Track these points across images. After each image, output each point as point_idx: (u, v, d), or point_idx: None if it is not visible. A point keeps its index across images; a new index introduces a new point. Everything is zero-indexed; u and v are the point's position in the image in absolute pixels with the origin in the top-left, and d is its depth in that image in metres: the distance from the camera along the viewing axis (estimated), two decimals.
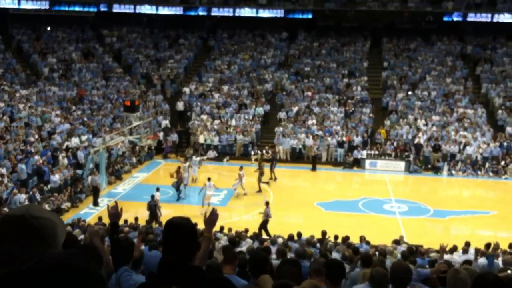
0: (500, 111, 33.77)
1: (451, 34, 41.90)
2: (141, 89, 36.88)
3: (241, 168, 25.09)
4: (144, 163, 30.33)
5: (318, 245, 14.43)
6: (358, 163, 30.80)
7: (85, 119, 31.04)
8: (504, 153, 30.69)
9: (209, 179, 22.33)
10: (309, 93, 36.24)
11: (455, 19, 39.94)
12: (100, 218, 18.15)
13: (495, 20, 39.15)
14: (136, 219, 18.28)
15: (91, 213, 21.50)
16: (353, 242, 15.31)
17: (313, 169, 30.04)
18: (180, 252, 3.27)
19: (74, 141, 27.39)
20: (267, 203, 19.97)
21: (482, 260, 13.33)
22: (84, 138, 28.14)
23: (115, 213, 5.53)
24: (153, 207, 19.95)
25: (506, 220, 21.92)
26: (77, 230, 15.24)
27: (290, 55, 41.04)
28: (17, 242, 1.83)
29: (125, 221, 17.45)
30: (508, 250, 14.94)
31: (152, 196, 20.44)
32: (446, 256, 13.35)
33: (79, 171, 25.16)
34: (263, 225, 19.22)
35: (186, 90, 36.94)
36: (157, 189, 21.48)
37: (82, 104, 33.59)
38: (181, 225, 3.35)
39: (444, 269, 7.32)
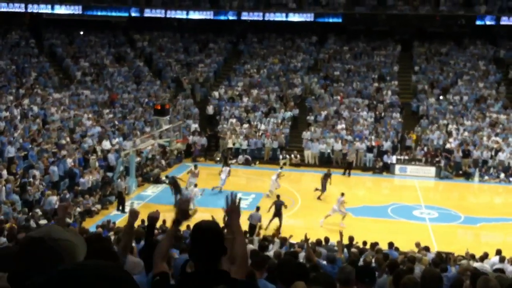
0: None
1: (484, 38, 41.23)
2: (171, 93, 37.26)
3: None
4: (173, 166, 30.58)
5: (345, 250, 14.33)
6: (387, 168, 30.51)
7: (116, 122, 31.48)
8: None
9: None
10: (339, 97, 36.07)
11: (487, 22, 39.32)
12: (142, 221, 18.34)
13: None
14: (164, 222, 18.41)
15: (120, 215, 21.76)
16: (382, 248, 15.16)
17: (348, 174, 29.80)
18: (207, 256, 3.30)
19: (105, 144, 27.78)
20: (257, 208, 20.18)
21: None
22: (115, 141, 28.52)
23: (153, 216, 5.63)
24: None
25: None
26: (107, 233, 15.43)
27: (320, 59, 40.92)
28: (36, 264, 1.86)
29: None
30: None
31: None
32: (477, 264, 13.15)
33: (109, 174, 25.49)
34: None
35: (216, 94, 37.16)
36: (195, 185, 23.03)
37: (113, 107, 34.08)
38: (208, 228, 3.38)
39: (470, 268, 7.23)
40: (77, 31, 43.58)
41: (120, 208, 22.65)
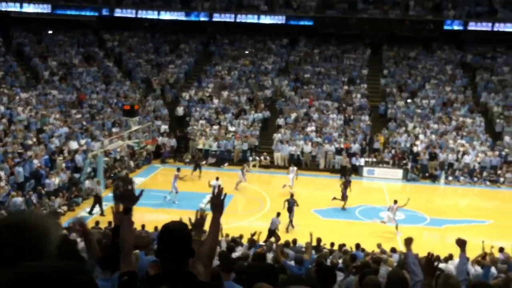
0: (498, 120, 33.84)
1: (452, 42, 41.98)
2: (141, 94, 36.98)
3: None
4: (142, 168, 30.36)
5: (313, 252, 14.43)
6: (356, 171, 30.83)
7: (84, 123, 31.11)
8: (502, 162, 30.73)
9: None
10: (308, 100, 36.31)
11: (455, 27, 40.03)
12: (97, 222, 18.18)
13: (495, 29, 39.21)
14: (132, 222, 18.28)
15: (87, 217, 21.51)
16: (349, 249, 15.33)
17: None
18: (174, 257, 3.29)
19: (73, 144, 27.42)
20: (278, 214, 20.23)
21: (477, 269, 13.36)
22: (82, 142, 28.18)
23: (118, 217, 5.55)
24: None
25: (502, 229, 21.91)
26: (73, 233, 15.24)
27: (290, 61, 41.12)
28: (7, 249, 1.84)
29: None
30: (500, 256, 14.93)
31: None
32: (441, 265, 13.37)
33: (76, 175, 25.18)
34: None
35: (186, 95, 37.03)
36: (217, 178, 23.52)
37: (81, 107, 33.67)
38: (176, 230, 3.37)
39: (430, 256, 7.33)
40: (46, 30, 42.93)
41: (100, 211, 22.34)
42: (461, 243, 5.04)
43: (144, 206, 21.03)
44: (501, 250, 15.62)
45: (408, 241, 6.76)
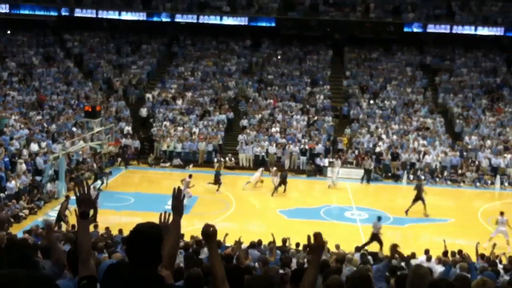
0: (458, 121, 34.65)
1: (411, 44, 42.78)
2: (102, 95, 36.45)
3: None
4: (105, 170, 29.89)
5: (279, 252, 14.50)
6: (320, 171, 31.10)
7: (45, 124, 30.47)
8: (463, 162, 31.46)
9: None
10: (272, 101, 36.46)
11: (415, 30, 40.79)
12: (73, 226, 17.88)
13: (454, 31, 40.16)
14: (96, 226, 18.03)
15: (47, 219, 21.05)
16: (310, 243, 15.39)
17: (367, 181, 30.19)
18: (144, 261, 3.24)
19: (33, 147, 26.84)
20: (379, 218, 20.07)
21: (439, 267, 13.64)
22: (43, 144, 27.61)
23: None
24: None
25: (463, 228, 22.45)
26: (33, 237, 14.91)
27: (254, 62, 41.20)
28: None
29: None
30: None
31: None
32: (404, 263, 13.58)
33: (38, 178, 24.66)
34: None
35: (149, 96, 36.68)
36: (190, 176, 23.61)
37: (42, 109, 32.96)
38: (147, 232, 3.31)
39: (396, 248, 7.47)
40: (4, 30, 41.91)
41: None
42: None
43: (107, 209, 20.75)
44: (459, 253, 15.95)
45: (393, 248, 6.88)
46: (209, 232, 4.29)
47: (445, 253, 15.61)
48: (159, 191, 25.29)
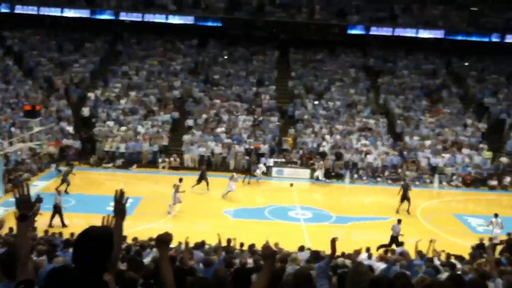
0: (399, 121, 35.56)
1: (355, 46, 43.60)
2: (43, 94, 35.42)
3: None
4: (45, 171, 29.10)
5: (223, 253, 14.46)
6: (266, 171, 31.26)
7: None
8: (403, 161, 32.31)
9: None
10: (218, 101, 36.38)
11: (358, 32, 41.62)
12: (10, 229, 17.27)
13: (396, 34, 41.24)
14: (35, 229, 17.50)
15: None
16: (258, 249, 15.47)
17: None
18: (93, 266, 3.15)
19: None
20: (399, 221, 20.23)
21: (380, 265, 13.93)
22: None
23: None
24: None
25: (402, 225, 22.95)
26: None
27: (200, 62, 41.00)
28: None
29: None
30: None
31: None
32: (347, 261, 13.81)
33: None
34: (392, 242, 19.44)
35: (91, 95, 35.89)
36: (180, 180, 23.48)
37: None
38: (97, 236, 3.22)
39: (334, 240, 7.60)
40: None
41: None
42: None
43: (47, 211, 20.14)
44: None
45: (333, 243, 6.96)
46: (165, 239, 4.24)
47: (385, 251, 15.97)
48: (101, 192, 24.77)
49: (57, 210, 20.73)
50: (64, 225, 20.31)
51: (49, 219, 20.46)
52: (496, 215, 21.08)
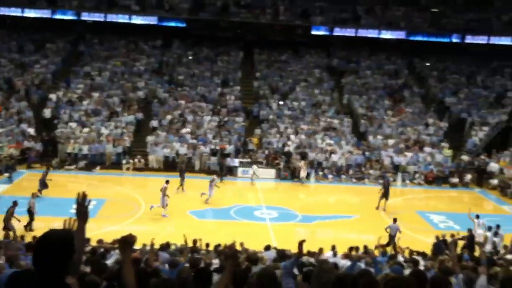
0: (362, 121, 35.99)
1: (319, 47, 43.94)
2: (3, 95, 34.59)
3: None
4: (4, 174, 28.41)
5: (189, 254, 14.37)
6: (231, 171, 31.22)
7: None
8: (367, 160, 32.72)
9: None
10: (183, 102, 36.18)
11: (322, 33, 41.96)
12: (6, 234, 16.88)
13: (359, 35, 41.72)
14: None
15: None
16: (223, 249, 15.44)
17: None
18: (54, 269, 3.08)
19: None
20: (395, 220, 20.24)
21: (345, 262, 14.07)
22: None
23: None
24: None
25: (367, 223, 23.31)
26: None
27: (164, 62, 40.70)
28: None
29: None
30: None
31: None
32: (312, 259, 13.90)
33: None
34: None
35: (53, 96, 35.23)
36: (167, 182, 23.01)
37: None
38: (58, 239, 3.15)
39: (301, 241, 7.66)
40: None
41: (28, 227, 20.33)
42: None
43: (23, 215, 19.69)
44: (365, 246, 16.51)
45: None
46: (128, 240, 4.18)
47: (350, 248, 16.12)
48: (63, 195, 24.33)
49: (30, 213, 20.34)
50: (30, 230, 19.89)
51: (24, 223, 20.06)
52: (477, 216, 21.13)
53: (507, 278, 6.18)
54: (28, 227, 20.20)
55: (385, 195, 25.58)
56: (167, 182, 23.38)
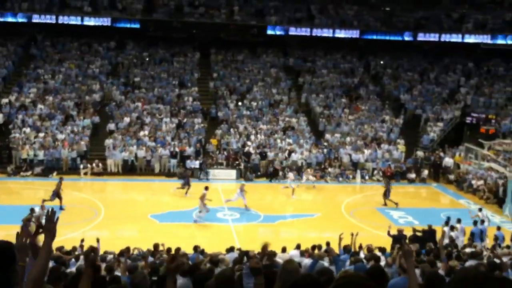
0: (320, 119, 36.34)
1: (275, 47, 44.12)
2: None
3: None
4: None
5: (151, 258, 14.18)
6: (191, 173, 30.97)
7: None
8: (326, 159, 33.05)
9: None
10: (140, 104, 35.73)
11: (278, 32, 42.13)
12: None
13: (314, 34, 42.07)
14: None
15: None
16: (186, 252, 15.30)
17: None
18: None
19: None
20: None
21: (308, 261, 14.14)
22: None
23: None
24: None
25: (328, 221, 23.54)
26: None
27: (119, 64, 40.09)
28: None
29: None
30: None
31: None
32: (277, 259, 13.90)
33: None
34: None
35: (5, 101, 34.22)
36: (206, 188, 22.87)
37: None
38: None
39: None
40: None
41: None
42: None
43: None
44: (327, 244, 16.64)
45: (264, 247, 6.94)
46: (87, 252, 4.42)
47: (313, 247, 16.20)
48: (19, 202, 23.68)
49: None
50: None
51: None
52: (480, 209, 21.64)
53: (463, 278, 6.31)
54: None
55: (386, 192, 26.51)
56: (206, 188, 23.25)
